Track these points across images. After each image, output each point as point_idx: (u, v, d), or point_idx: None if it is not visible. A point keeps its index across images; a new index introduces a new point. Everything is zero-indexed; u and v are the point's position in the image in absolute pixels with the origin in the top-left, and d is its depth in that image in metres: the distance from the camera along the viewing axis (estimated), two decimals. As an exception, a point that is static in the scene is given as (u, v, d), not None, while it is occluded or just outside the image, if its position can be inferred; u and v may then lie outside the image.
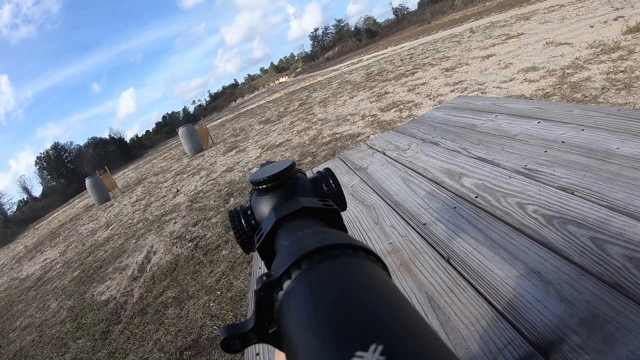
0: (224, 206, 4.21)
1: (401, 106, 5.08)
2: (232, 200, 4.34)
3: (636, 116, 0.86)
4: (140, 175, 13.10)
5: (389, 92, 6.47)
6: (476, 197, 0.80)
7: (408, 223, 0.82)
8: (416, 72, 7.39)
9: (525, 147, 0.93)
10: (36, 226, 23.18)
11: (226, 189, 4.88)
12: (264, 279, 0.18)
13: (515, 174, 0.82)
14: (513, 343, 0.45)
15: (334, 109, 7.27)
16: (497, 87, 4.18)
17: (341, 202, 0.35)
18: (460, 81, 5.13)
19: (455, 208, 0.80)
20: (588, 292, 0.47)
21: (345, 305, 0.14)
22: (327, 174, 0.36)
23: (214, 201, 4.61)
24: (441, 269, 0.63)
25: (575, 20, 6.30)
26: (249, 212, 0.33)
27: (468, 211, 0.76)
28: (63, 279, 4.77)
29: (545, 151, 0.87)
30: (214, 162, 7.51)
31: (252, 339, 0.19)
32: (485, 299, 0.53)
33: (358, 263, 0.17)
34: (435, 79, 6.01)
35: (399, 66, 9.53)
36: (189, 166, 8.70)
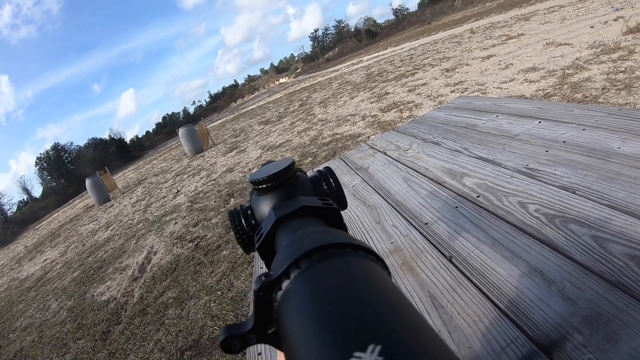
0: (225, 207, 4.21)
1: (401, 107, 5.09)
2: (233, 201, 4.34)
3: (637, 116, 0.87)
4: (141, 176, 13.09)
5: (389, 93, 6.48)
6: (478, 197, 0.80)
7: (410, 222, 0.82)
8: (416, 73, 7.40)
9: (527, 147, 0.93)
10: (36, 227, 23.17)
11: (226, 190, 4.88)
12: (263, 279, 0.18)
13: (517, 174, 0.83)
14: (516, 342, 0.45)
15: (334, 109, 7.27)
16: (498, 88, 4.19)
17: (341, 201, 0.35)
18: (461, 82, 5.13)
19: (456, 207, 0.80)
20: (590, 291, 0.47)
21: (344, 305, 0.14)
22: (328, 173, 0.35)
23: (215, 202, 4.61)
24: (443, 268, 0.63)
25: (576, 21, 6.31)
26: (249, 212, 0.33)
27: (470, 210, 0.76)
28: (63, 279, 4.77)
29: (547, 151, 0.87)
30: (214, 163, 7.51)
31: (252, 339, 0.19)
32: (488, 297, 0.53)
33: (358, 262, 0.17)
34: (436, 79, 6.01)
35: (399, 67, 9.53)
36: (189, 167, 8.70)
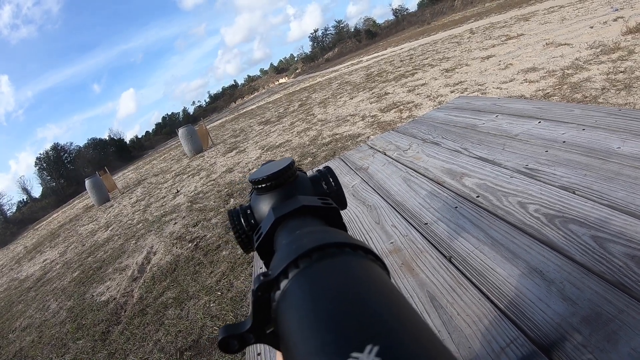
0: (224, 207, 4.21)
1: (401, 107, 5.09)
2: (232, 201, 4.34)
3: (636, 116, 0.87)
4: (140, 176, 13.09)
5: (388, 93, 6.48)
6: (477, 197, 0.80)
7: (409, 223, 0.82)
8: (416, 73, 7.40)
9: (526, 147, 0.93)
10: (36, 227, 23.16)
11: (226, 190, 4.88)
12: (262, 278, 0.18)
13: (517, 174, 0.82)
14: (516, 342, 0.45)
15: (334, 109, 7.28)
16: (497, 88, 4.19)
17: (341, 201, 0.35)
18: (460, 82, 5.13)
19: (456, 208, 0.80)
20: (590, 291, 0.47)
21: (342, 305, 0.14)
22: (327, 173, 0.35)
23: (214, 202, 4.61)
24: (443, 268, 0.63)
25: (575, 21, 6.31)
26: (249, 212, 0.33)
27: (469, 211, 0.76)
28: (63, 279, 4.77)
29: (546, 151, 0.87)
30: (214, 163, 7.51)
31: (250, 339, 0.19)
32: (488, 298, 0.53)
33: (356, 262, 0.17)
34: (435, 79, 6.01)
35: (399, 67, 9.53)
36: (189, 167, 8.70)
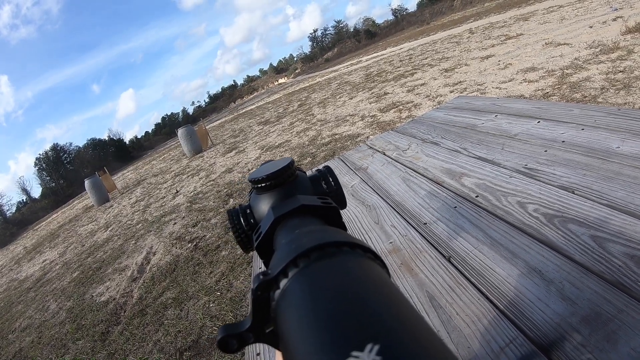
0: (224, 207, 4.21)
1: (400, 107, 5.09)
2: (232, 201, 4.33)
3: (636, 115, 0.87)
4: (140, 177, 13.08)
5: (388, 93, 6.48)
6: (477, 197, 0.80)
7: (409, 222, 0.82)
8: (415, 73, 7.40)
9: (526, 147, 0.93)
10: (35, 227, 23.13)
11: (225, 190, 4.88)
12: (261, 277, 0.18)
13: (516, 174, 0.82)
14: (515, 342, 0.45)
15: (334, 109, 7.28)
16: (497, 88, 4.19)
17: (341, 200, 0.35)
18: (460, 82, 5.13)
19: (455, 207, 0.79)
20: (589, 291, 0.47)
21: (342, 304, 0.14)
22: (327, 172, 0.35)
23: (214, 202, 4.61)
24: (442, 268, 0.63)
25: (575, 21, 6.32)
26: (248, 211, 0.33)
27: (469, 210, 0.76)
28: (62, 280, 4.76)
29: (546, 150, 0.87)
30: (214, 163, 7.51)
31: (250, 338, 0.19)
32: (487, 297, 0.53)
33: (356, 261, 0.17)
34: (435, 79, 6.02)
35: (398, 67, 9.54)
36: (188, 167, 8.70)
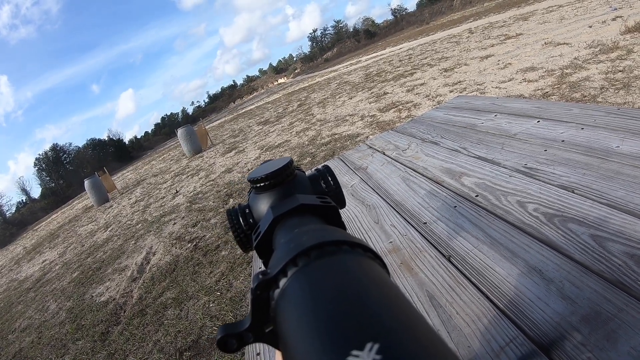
0: (223, 207, 4.21)
1: (400, 106, 5.09)
2: (232, 201, 4.33)
3: (635, 115, 0.87)
4: (139, 177, 13.08)
5: (387, 93, 6.48)
6: (476, 196, 0.80)
7: (408, 222, 0.82)
8: (415, 73, 7.40)
9: (525, 146, 0.93)
10: (35, 227, 23.12)
11: (225, 190, 4.88)
12: (260, 277, 0.18)
13: (516, 173, 0.82)
14: (515, 341, 0.44)
15: (333, 109, 7.28)
16: (496, 87, 4.19)
17: (340, 200, 0.35)
18: (459, 81, 5.13)
19: (455, 207, 0.79)
20: (589, 290, 0.47)
21: (341, 303, 0.14)
22: (326, 172, 0.35)
23: (213, 202, 4.61)
24: (442, 267, 0.63)
25: (574, 21, 6.32)
26: (247, 211, 0.33)
27: (468, 210, 0.76)
28: (62, 280, 4.76)
29: (545, 150, 0.87)
30: (213, 163, 7.51)
31: (249, 338, 0.19)
32: (487, 297, 0.53)
33: (355, 260, 0.17)
34: (434, 79, 6.02)
35: (398, 67, 9.54)
36: (188, 167, 8.69)
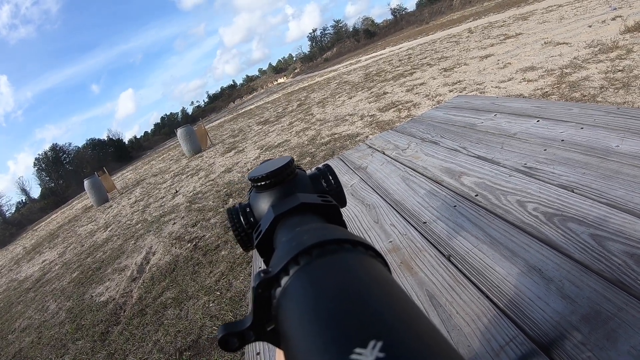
0: (223, 207, 4.21)
1: (400, 106, 5.09)
2: (231, 201, 4.33)
3: (635, 114, 0.87)
4: (139, 177, 13.07)
5: (387, 93, 6.48)
6: (476, 196, 0.80)
7: (408, 221, 0.82)
8: (415, 73, 7.40)
9: (525, 146, 0.93)
10: (35, 228, 23.10)
11: (225, 190, 4.88)
12: (262, 275, 0.17)
13: (515, 172, 0.82)
14: (515, 340, 0.44)
15: (333, 109, 7.27)
16: (496, 87, 4.19)
17: (341, 199, 0.35)
18: (459, 81, 5.13)
19: (455, 206, 0.79)
20: (589, 289, 0.47)
21: (343, 302, 0.14)
22: (327, 170, 0.35)
23: (213, 202, 4.60)
24: (442, 267, 0.63)
25: (574, 20, 6.32)
26: (248, 210, 0.33)
27: (468, 209, 0.76)
28: (62, 280, 4.76)
29: (545, 149, 0.87)
30: (213, 163, 7.50)
31: (251, 336, 0.19)
32: (487, 296, 0.53)
33: (357, 258, 0.17)
34: (434, 79, 6.02)
35: (398, 66, 9.54)
36: (188, 167, 8.69)
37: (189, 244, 3.56)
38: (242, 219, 0.33)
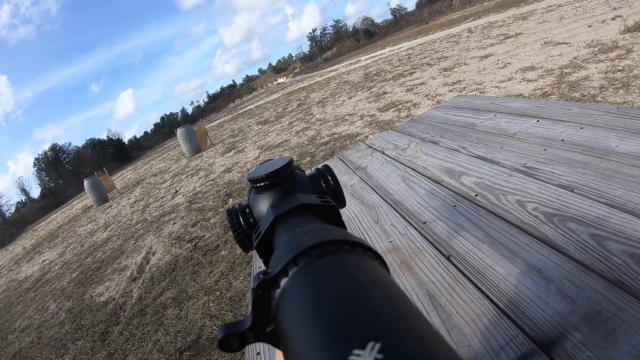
0: (223, 207, 4.21)
1: (400, 106, 5.09)
2: (231, 201, 4.33)
3: (634, 114, 0.87)
4: (139, 177, 13.07)
5: (387, 92, 6.48)
6: (476, 195, 0.80)
7: (408, 221, 0.82)
8: (414, 72, 7.40)
9: (525, 146, 0.93)
10: (34, 228, 23.09)
11: (225, 190, 4.88)
12: (261, 276, 0.17)
13: (515, 172, 0.83)
14: (515, 340, 0.45)
15: (333, 109, 7.27)
16: (496, 87, 4.19)
17: (340, 199, 0.35)
18: (459, 81, 5.14)
19: (455, 206, 0.79)
20: (589, 289, 0.47)
21: (342, 303, 0.14)
22: (326, 171, 0.35)
23: (213, 202, 4.60)
24: (442, 267, 0.63)
25: (573, 20, 6.32)
26: (247, 210, 0.33)
27: (468, 209, 0.76)
28: (62, 280, 4.76)
29: (545, 149, 0.87)
30: (213, 163, 7.50)
31: (250, 337, 0.19)
32: (487, 296, 0.53)
33: (356, 259, 0.17)
34: (434, 79, 6.02)
35: (397, 66, 9.54)
36: (188, 167, 8.69)
37: (189, 244, 3.56)
38: (242, 220, 0.33)
